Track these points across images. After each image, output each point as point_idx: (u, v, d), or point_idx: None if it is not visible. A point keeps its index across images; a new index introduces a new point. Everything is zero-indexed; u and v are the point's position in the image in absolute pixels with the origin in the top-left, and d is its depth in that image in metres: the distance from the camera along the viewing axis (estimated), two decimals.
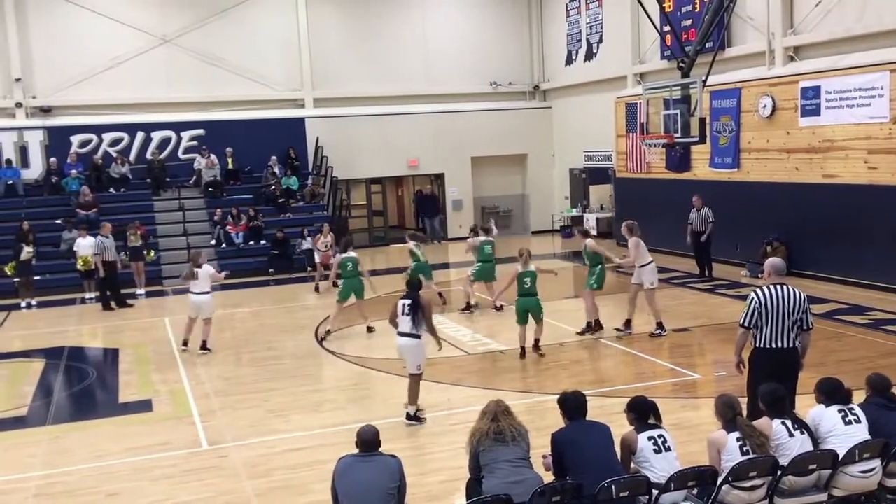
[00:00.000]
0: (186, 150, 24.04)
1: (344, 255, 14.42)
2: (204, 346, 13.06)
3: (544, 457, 6.29)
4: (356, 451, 6.01)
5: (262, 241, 21.72)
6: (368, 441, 5.97)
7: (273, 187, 23.40)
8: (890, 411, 6.57)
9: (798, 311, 7.45)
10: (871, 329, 12.90)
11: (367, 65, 25.83)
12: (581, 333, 13.18)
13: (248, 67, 24.68)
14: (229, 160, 23.83)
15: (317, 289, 18.48)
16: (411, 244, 15.80)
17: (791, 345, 7.49)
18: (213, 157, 23.35)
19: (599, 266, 13.15)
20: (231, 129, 23.90)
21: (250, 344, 13.16)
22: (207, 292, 13.03)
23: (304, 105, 25.54)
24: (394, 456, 6.01)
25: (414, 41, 26.35)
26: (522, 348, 12.02)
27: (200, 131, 24.02)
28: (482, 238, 15.64)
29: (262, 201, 23.22)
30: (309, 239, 20.87)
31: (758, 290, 7.58)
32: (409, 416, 9.39)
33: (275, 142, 24.09)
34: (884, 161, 15.20)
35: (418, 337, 9.24)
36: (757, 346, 7.59)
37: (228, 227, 21.85)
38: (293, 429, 9.53)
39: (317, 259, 19.21)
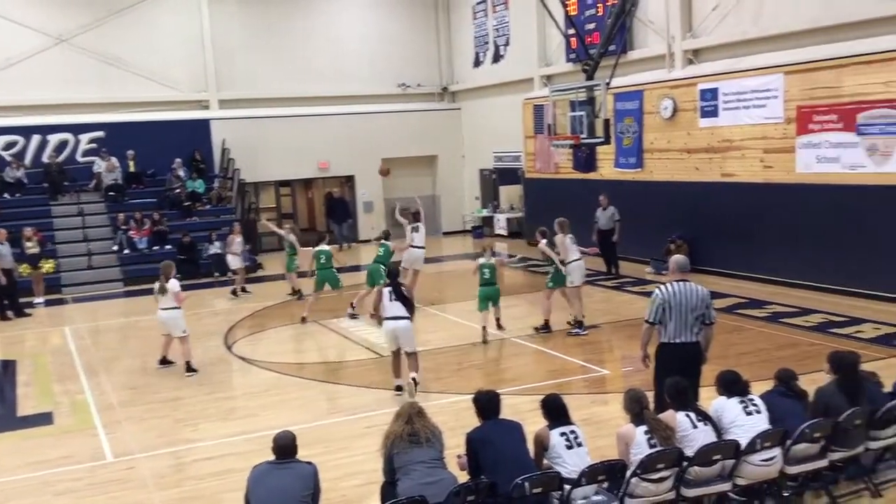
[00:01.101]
0: (86, 153, 23.21)
1: (317, 248, 15.23)
2: (189, 368, 11.93)
3: (459, 457, 6.32)
4: (272, 457, 5.91)
5: (168, 246, 21.13)
6: (283, 447, 5.88)
7: (178, 191, 22.85)
8: (785, 398, 6.89)
9: (700, 306, 7.69)
10: (769, 322, 13.42)
11: (274, 65, 25.48)
12: (537, 330, 13.39)
13: (150, 68, 24.03)
14: (131, 163, 23.11)
15: (234, 292, 18.03)
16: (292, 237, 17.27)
17: (694, 339, 7.72)
18: (113, 159, 22.62)
19: (554, 266, 13.35)
20: (133, 132, 23.15)
21: (156, 351, 12.76)
22: (175, 307, 11.93)
23: (208, 106, 25.03)
24: (310, 462, 5.93)
25: (322, 42, 26.11)
26: (484, 328, 13.02)
27: (100, 133, 23.23)
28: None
29: (166, 205, 22.64)
30: (217, 243, 20.44)
31: (662, 287, 7.79)
32: (414, 381, 10.26)
33: (179, 144, 23.47)
34: (778, 160, 15.84)
35: (409, 318, 10.13)
36: (662, 340, 7.81)
37: (131, 233, 21.22)
38: (203, 438, 9.33)
39: (234, 265, 18.17)
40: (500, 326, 13.44)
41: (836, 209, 14.76)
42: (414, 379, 10.29)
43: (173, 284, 11.90)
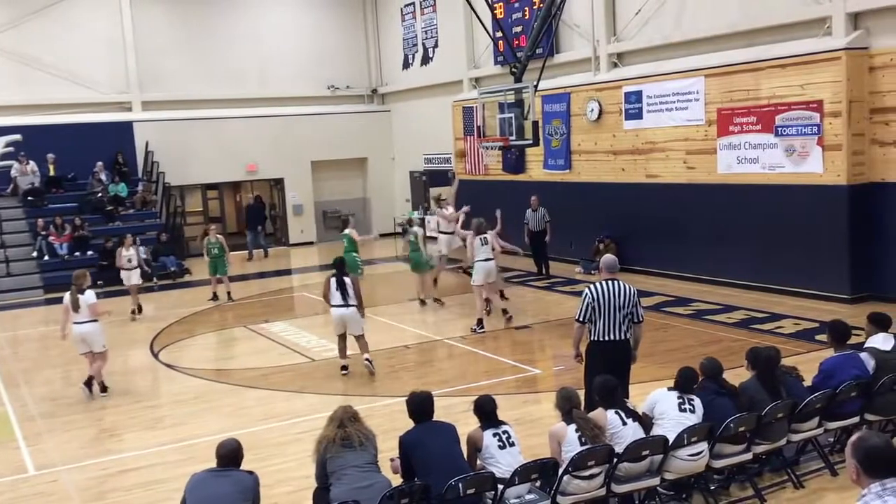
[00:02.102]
0: (2, 157, 22.43)
1: (342, 233, 15.80)
2: (103, 387, 11.14)
3: (392, 460, 6.30)
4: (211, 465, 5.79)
5: (90, 252, 20.60)
6: (223, 455, 5.76)
7: (100, 195, 22.25)
8: (720, 396, 6.99)
9: (628, 304, 7.81)
10: (695, 319, 13.73)
11: (199, 67, 25.04)
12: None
13: (70, 69, 23.38)
14: (51, 167, 22.43)
15: (133, 312, 16.34)
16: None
17: (623, 337, 7.85)
18: (31, 163, 21.92)
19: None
20: (52, 134, 22.46)
21: (78, 361, 12.34)
22: (93, 320, 10.93)
23: (131, 108, 24.46)
24: (251, 472, 5.79)
25: (249, 43, 25.77)
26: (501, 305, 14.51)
27: (18, 137, 22.48)
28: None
29: (87, 209, 22.03)
30: (142, 248, 19.93)
31: (591, 286, 7.89)
32: (369, 361, 11.27)
33: (101, 147, 22.87)
34: (700, 161, 16.22)
35: (353, 306, 11.13)
36: (591, 339, 7.92)
37: (51, 238, 20.59)
38: (128, 448, 9.10)
39: (125, 281, 16.35)
40: (504, 297, 14.88)
41: (757, 209, 15.16)
42: (368, 359, 11.24)
43: (89, 296, 10.99)
